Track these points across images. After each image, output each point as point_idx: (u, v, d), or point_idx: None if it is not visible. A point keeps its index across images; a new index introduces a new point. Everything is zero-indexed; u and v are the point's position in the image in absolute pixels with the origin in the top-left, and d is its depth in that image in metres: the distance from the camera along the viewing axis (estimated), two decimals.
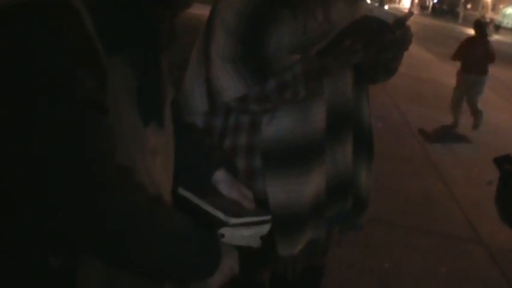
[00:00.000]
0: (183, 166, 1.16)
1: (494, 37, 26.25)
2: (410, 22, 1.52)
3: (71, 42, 0.82)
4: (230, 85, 1.48)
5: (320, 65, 1.49)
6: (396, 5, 75.58)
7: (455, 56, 7.29)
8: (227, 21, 1.49)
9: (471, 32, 7.75)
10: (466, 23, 39.09)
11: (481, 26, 7.41)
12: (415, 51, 15.49)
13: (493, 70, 7.39)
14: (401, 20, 1.48)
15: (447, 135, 6.98)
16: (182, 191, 1.16)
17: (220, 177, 1.24)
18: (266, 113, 1.51)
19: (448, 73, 12.41)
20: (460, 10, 43.21)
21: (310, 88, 1.49)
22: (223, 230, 1.09)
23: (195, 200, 1.16)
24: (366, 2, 1.65)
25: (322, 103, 1.54)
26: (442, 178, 5.27)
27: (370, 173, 1.75)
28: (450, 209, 4.57)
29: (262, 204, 1.49)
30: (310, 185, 1.55)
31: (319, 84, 1.52)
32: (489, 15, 38.81)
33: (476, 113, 7.03)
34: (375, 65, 1.62)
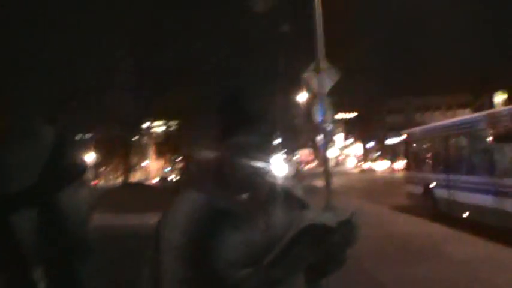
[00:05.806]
0: None
1: None
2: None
3: None
4: None
5: (271, 277, 1.55)
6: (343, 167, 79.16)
7: None
8: (174, 243, 1.55)
9: None
10: None
11: None
12: (369, 207, 15.81)
13: None
14: (345, 221, 1.60)
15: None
16: None
17: None
18: None
19: (403, 222, 12.56)
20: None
21: None
22: None
23: None
24: (307, 209, 1.81)
25: None
26: None
27: None
28: None
29: None
30: None
31: None
32: None
33: None
34: (324, 261, 1.67)
